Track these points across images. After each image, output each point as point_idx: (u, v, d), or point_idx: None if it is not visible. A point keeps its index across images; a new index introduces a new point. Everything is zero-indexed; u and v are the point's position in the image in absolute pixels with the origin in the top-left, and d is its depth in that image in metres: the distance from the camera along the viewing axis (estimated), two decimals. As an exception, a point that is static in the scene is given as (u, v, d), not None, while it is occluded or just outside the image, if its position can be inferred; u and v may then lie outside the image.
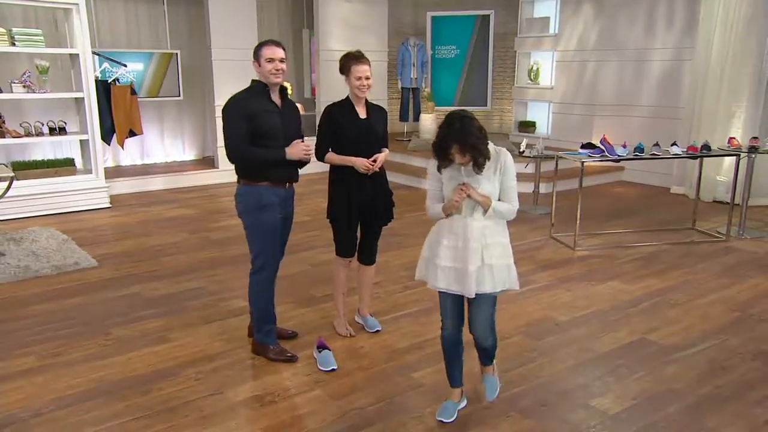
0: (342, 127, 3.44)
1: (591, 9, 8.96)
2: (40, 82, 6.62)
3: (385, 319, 3.98)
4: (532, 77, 10.17)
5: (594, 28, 8.96)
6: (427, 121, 9.40)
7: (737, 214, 6.02)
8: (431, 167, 2.71)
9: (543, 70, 10.04)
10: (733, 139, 6.16)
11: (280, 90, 3.33)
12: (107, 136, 7.54)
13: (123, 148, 8.19)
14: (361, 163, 3.40)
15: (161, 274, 4.87)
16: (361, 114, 3.48)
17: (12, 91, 6.45)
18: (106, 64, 8.01)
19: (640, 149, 5.74)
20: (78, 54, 6.64)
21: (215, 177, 8.38)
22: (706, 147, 5.89)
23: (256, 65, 3.25)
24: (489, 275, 2.64)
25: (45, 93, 6.62)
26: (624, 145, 5.77)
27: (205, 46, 8.47)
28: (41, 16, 7.62)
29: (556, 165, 6.01)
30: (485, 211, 2.64)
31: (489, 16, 10.11)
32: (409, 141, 9.62)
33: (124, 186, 7.81)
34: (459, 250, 2.65)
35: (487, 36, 10.18)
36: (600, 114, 9.00)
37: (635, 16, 8.44)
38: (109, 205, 7.05)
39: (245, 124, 3.19)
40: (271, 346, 3.48)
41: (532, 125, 10.18)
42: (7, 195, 5.56)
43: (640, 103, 8.54)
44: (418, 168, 8.25)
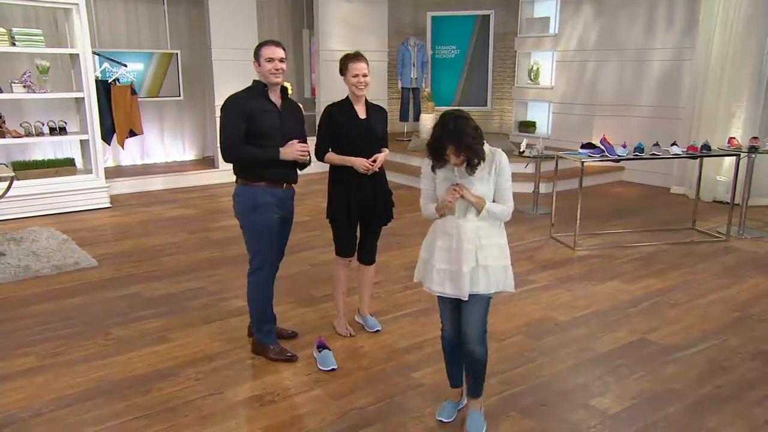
0: (341, 127, 3.44)
1: (591, 9, 8.96)
2: (41, 82, 6.63)
3: (385, 319, 3.98)
4: (532, 77, 10.17)
5: (594, 28, 8.96)
6: (427, 121, 9.39)
7: (737, 214, 6.02)
8: (425, 166, 2.68)
9: (543, 70, 10.04)
10: (733, 139, 6.16)
11: (281, 90, 3.33)
12: (107, 136, 7.54)
13: (123, 148, 8.19)
14: (360, 163, 3.41)
15: (161, 274, 4.87)
16: (361, 114, 3.49)
17: (12, 91, 6.46)
18: (106, 64, 8.01)
19: (640, 149, 5.74)
20: (78, 54, 6.65)
21: (215, 177, 8.38)
22: (706, 147, 5.88)
23: (256, 65, 3.26)
24: (484, 276, 2.60)
25: (45, 93, 6.63)
26: (624, 145, 5.77)
27: (205, 46, 8.47)
28: (41, 16, 7.62)
29: (556, 165, 6.01)
30: (479, 212, 2.59)
31: (489, 16, 10.11)
32: (409, 141, 9.63)
33: (124, 186, 7.81)
34: (453, 251, 2.61)
35: (487, 36, 10.18)
36: (600, 114, 9.00)
37: (635, 16, 8.44)
38: (109, 205, 7.06)
39: (242, 123, 3.19)
40: (271, 346, 3.48)
41: (532, 125, 10.18)
42: (8, 195, 5.57)
43: (640, 103, 8.54)
44: (418, 168, 8.15)
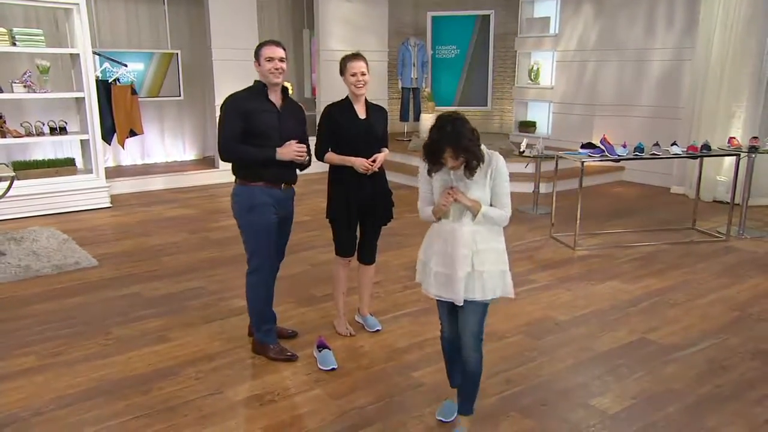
0: (341, 127, 3.44)
1: (591, 9, 8.96)
2: (41, 81, 6.63)
3: (385, 319, 3.98)
4: (532, 77, 10.17)
5: (594, 28, 8.96)
6: (428, 121, 9.39)
7: (737, 213, 6.02)
8: (422, 169, 2.63)
9: (543, 70, 10.04)
10: (733, 138, 6.16)
11: (282, 90, 3.33)
12: (108, 135, 7.55)
13: (123, 148, 8.20)
14: (360, 163, 3.41)
15: (161, 274, 4.87)
16: (361, 114, 3.49)
17: (13, 91, 6.46)
18: (106, 64, 8.02)
19: (640, 149, 5.74)
20: (78, 54, 6.65)
21: (215, 177, 8.38)
22: (706, 147, 5.89)
23: (256, 65, 3.26)
24: (479, 282, 2.53)
25: (46, 93, 6.63)
26: (624, 145, 5.77)
27: (205, 46, 8.48)
28: (42, 16, 7.62)
29: (556, 165, 6.01)
30: (474, 217, 2.53)
31: (489, 16, 10.12)
32: (410, 141, 9.64)
33: (124, 186, 7.81)
34: (448, 255, 2.56)
35: (488, 36, 10.19)
36: (600, 114, 9.00)
37: (635, 16, 8.44)
38: (109, 204, 7.06)
39: (240, 122, 3.19)
40: (271, 346, 3.48)
41: (533, 125, 10.18)
42: (8, 195, 5.57)
43: (640, 103, 8.54)
44: (417, 168, 8.19)
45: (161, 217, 6.71)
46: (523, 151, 6.86)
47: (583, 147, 5.81)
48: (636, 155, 5.73)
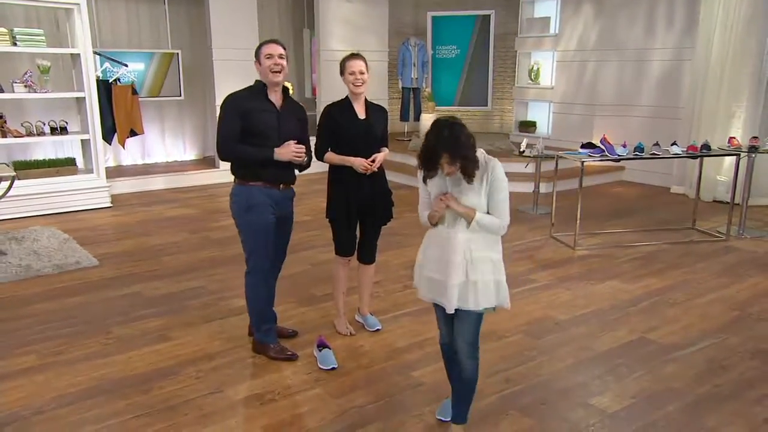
0: (340, 127, 3.45)
1: (591, 9, 8.97)
2: (42, 81, 6.64)
3: (385, 318, 3.99)
4: (532, 77, 10.17)
5: (594, 28, 8.97)
6: (428, 121, 9.36)
7: (737, 213, 6.03)
8: (420, 174, 2.54)
9: (543, 70, 10.05)
10: (733, 138, 6.16)
11: (282, 91, 3.33)
12: (108, 135, 7.56)
13: (124, 148, 8.21)
14: (359, 163, 3.41)
15: (162, 274, 4.88)
16: (360, 114, 3.49)
17: (13, 91, 6.47)
18: (107, 64, 8.03)
19: (640, 149, 5.74)
20: (79, 54, 6.65)
21: (216, 177, 8.38)
22: (706, 147, 5.89)
23: (257, 65, 3.27)
24: (473, 292, 2.47)
25: (46, 93, 6.64)
26: (624, 145, 5.77)
27: (205, 46, 8.49)
28: (43, 16, 7.63)
29: (556, 165, 6.02)
30: (468, 224, 2.46)
31: (489, 16, 10.13)
32: (410, 141, 9.64)
33: (125, 185, 7.82)
34: (442, 261, 2.50)
35: (488, 36, 10.19)
36: (600, 114, 9.01)
37: (635, 16, 8.44)
38: (110, 204, 7.07)
39: (239, 122, 3.20)
40: (272, 345, 3.49)
41: (533, 125, 10.19)
42: (9, 194, 5.58)
43: (640, 103, 8.55)
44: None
45: (162, 216, 6.72)
46: (523, 151, 6.86)
47: (583, 147, 5.81)
48: (636, 155, 5.74)
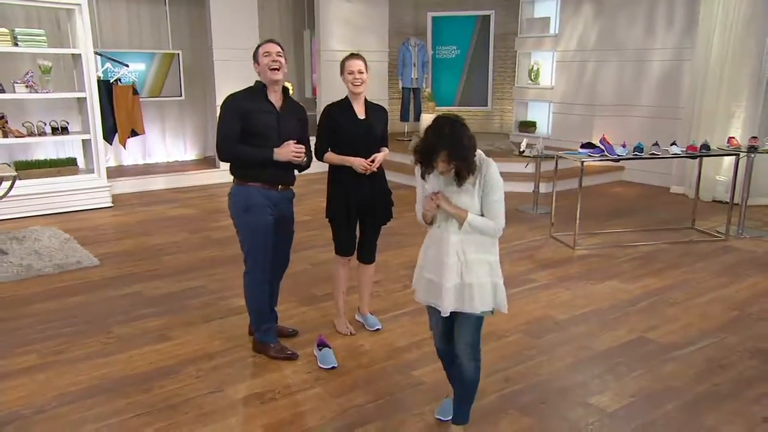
0: (340, 127, 3.46)
1: (591, 9, 8.97)
2: (43, 82, 6.65)
3: (385, 318, 4.00)
4: (532, 77, 10.18)
5: (594, 28, 8.98)
6: (428, 121, 9.40)
7: (736, 213, 6.04)
8: (418, 171, 2.48)
9: (543, 70, 10.06)
10: (733, 138, 6.17)
11: (282, 91, 3.34)
12: (109, 135, 7.57)
13: (125, 148, 8.22)
14: (359, 163, 3.42)
15: (162, 273, 4.89)
16: (360, 114, 3.50)
17: (15, 91, 6.48)
18: (108, 65, 8.04)
19: (639, 149, 5.75)
20: (80, 54, 6.67)
21: (216, 177, 8.39)
22: (706, 147, 5.89)
23: (256, 66, 3.28)
24: (468, 295, 2.41)
25: (47, 93, 6.65)
26: (624, 145, 5.78)
27: (206, 46, 8.50)
28: (44, 16, 7.64)
29: (556, 165, 6.02)
30: (460, 225, 2.40)
31: (489, 17, 10.13)
32: (410, 141, 9.65)
33: (125, 185, 7.83)
34: (438, 262, 2.46)
35: (488, 36, 10.20)
36: (600, 114, 9.02)
37: (635, 16, 8.45)
38: (110, 204, 7.08)
39: (238, 122, 3.20)
40: (272, 344, 3.50)
41: (533, 125, 10.19)
42: (10, 194, 5.59)
43: (640, 103, 8.56)
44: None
45: (162, 216, 6.73)
46: (523, 151, 6.87)
47: (582, 147, 5.82)
48: (635, 155, 5.74)
